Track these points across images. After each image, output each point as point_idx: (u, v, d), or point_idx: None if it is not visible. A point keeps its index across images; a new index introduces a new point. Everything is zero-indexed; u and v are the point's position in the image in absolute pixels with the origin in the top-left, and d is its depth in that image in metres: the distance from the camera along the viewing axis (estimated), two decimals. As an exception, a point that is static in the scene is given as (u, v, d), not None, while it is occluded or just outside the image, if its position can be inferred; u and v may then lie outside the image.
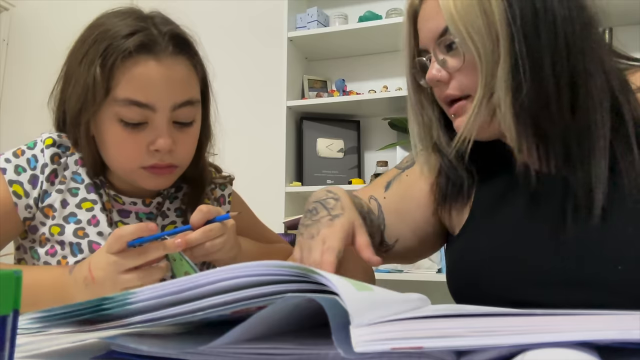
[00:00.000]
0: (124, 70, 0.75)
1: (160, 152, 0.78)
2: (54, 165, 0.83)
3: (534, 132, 0.63)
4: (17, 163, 0.82)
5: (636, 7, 1.97)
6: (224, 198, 0.99)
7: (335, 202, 0.67)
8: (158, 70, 0.76)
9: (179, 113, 0.79)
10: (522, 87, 0.61)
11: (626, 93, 0.65)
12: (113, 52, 0.74)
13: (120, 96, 0.75)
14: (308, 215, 0.66)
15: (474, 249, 0.73)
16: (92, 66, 0.75)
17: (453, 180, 0.76)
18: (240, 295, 0.32)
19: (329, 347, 0.32)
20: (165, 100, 0.77)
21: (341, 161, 2.48)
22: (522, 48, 0.61)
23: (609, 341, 0.31)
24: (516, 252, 0.67)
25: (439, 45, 0.67)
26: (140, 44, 0.75)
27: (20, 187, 0.80)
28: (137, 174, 0.80)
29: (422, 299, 0.45)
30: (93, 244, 0.82)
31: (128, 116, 0.76)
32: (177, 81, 0.78)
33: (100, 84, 0.74)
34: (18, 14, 2.59)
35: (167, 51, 0.77)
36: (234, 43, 2.74)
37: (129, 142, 0.77)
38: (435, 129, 0.75)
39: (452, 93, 0.68)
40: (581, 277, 0.61)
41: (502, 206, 0.72)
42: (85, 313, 0.38)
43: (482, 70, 0.63)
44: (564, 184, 0.64)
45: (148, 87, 0.76)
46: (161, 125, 0.77)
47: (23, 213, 0.81)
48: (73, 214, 0.82)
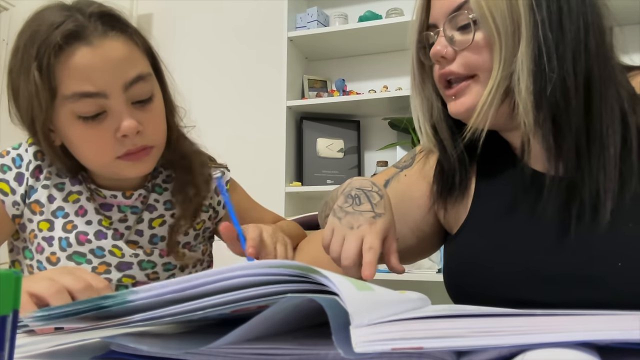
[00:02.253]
0: (61, 66, 0.72)
1: (128, 136, 0.75)
2: (37, 162, 0.83)
3: (552, 123, 0.63)
4: (2, 162, 0.82)
5: (636, 7, 1.97)
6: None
7: (380, 200, 0.67)
8: (95, 55, 0.72)
9: (133, 91, 0.75)
10: (545, 73, 0.61)
11: (632, 101, 0.65)
12: (45, 52, 0.71)
13: (68, 92, 0.72)
14: (349, 200, 0.66)
15: (473, 248, 0.72)
16: (30, 72, 0.72)
17: (446, 170, 0.76)
18: (240, 295, 0.32)
19: (329, 347, 0.32)
20: (113, 83, 0.73)
21: (341, 161, 2.48)
22: (547, 35, 0.61)
23: (609, 341, 0.31)
24: (518, 251, 0.67)
25: (450, 21, 0.67)
26: (68, 34, 0.71)
27: (6, 184, 0.81)
28: (114, 166, 0.78)
29: (423, 298, 0.45)
30: (80, 235, 0.81)
31: (83, 110, 0.73)
32: (119, 60, 0.74)
33: (42, 87, 0.71)
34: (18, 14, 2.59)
35: (97, 32, 0.73)
36: (234, 43, 2.74)
37: (95, 136, 0.75)
38: (435, 112, 0.74)
39: (456, 71, 0.67)
40: (584, 276, 0.61)
41: (504, 205, 0.71)
42: (85, 311, 0.38)
43: (501, 49, 0.63)
44: (571, 187, 0.64)
45: (91, 75, 0.72)
46: (119, 109, 0.74)
47: (11, 210, 0.81)
48: (61, 207, 0.82)
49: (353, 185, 0.70)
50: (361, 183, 0.71)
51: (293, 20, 2.47)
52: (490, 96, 0.64)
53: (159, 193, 0.91)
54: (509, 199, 0.71)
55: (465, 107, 0.68)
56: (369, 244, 0.61)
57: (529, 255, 0.66)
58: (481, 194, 0.75)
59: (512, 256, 0.67)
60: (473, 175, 0.77)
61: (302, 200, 2.48)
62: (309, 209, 2.31)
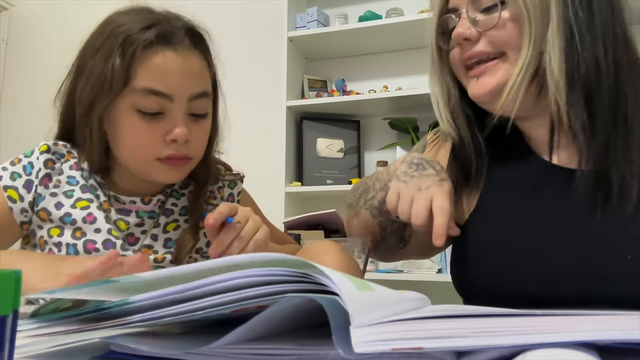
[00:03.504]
0: (143, 60, 0.76)
1: (176, 142, 0.79)
2: (47, 170, 0.83)
3: (585, 103, 0.62)
4: (13, 170, 0.82)
5: (636, 7, 1.97)
6: (233, 197, 0.98)
7: (441, 169, 0.69)
8: (177, 61, 0.78)
9: (195, 104, 0.80)
10: (577, 53, 0.61)
11: None
12: (133, 43, 0.76)
13: (139, 86, 0.76)
14: (413, 167, 0.67)
15: (481, 240, 0.71)
16: (110, 57, 0.76)
17: (462, 161, 0.75)
18: (240, 295, 0.32)
19: (329, 347, 0.32)
20: (183, 91, 0.78)
21: (341, 161, 2.48)
22: (578, 14, 0.61)
23: (609, 341, 0.31)
24: (528, 245, 0.66)
25: (474, 3, 0.66)
26: (159, 35, 0.77)
27: (15, 191, 0.81)
28: (151, 166, 0.80)
29: (422, 298, 0.45)
30: (88, 244, 0.81)
31: (146, 106, 0.77)
32: (194, 73, 0.80)
33: (119, 74, 0.75)
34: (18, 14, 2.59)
35: (184, 43, 0.79)
36: (234, 43, 2.74)
37: (146, 132, 0.78)
38: (453, 99, 0.74)
39: (484, 50, 0.67)
40: (600, 271, 0.60)
41: (517, 197, 0.70)
42: (85, 312, 0.38)
43: (530, 28, 0.62)
44: (600, 176, 0.63)
45: (167, 77, 0.77)
46: (178, 115, 0.78)
47: (19, 217, 0.81)
48: (68, 214, 0.82)
49: (412, 155, 0.72)
50: (418, 156, 0.72)
51: (293, 20, 2.47)
52: (520, 76, 0.63)
53: (177, 198, 0.92)
54: (522, 191, 0.70)
55: (490, 88, 0.67)
56: (440, 202, 0.62)
57: (541, 249, 0.65)
58: (492, 185, 0.74)
59: (524, 249, 0.66)
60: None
61: (302, 200, 2.48)
62: (309, 209, 2.31)
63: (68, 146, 0.86)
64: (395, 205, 0.66)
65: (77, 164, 0.86)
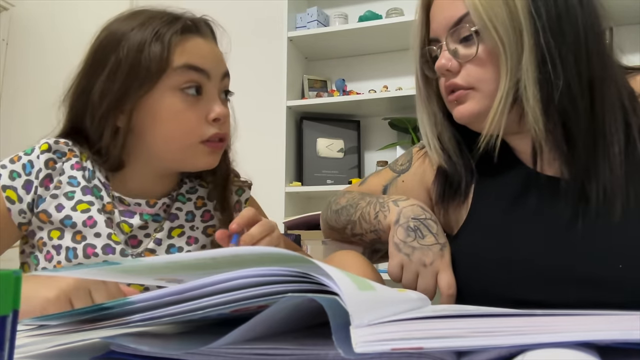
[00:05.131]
0: (179, 43, 0.81)
1: (218, 121, 0.82)
2: (48, 170, 0.82)
3: (562, 128, 0.64)
4: (12, 169, 0.81)
5: (636, 7, 1.97)
6: (240, 204, 0.97)
7: (437, 227, 0.70)
8: (206, 45, 0.85)
9: (225, 82, 0.86)
10: (550, 80, 0.62)
11: (632, 101, 0.66)
12: (166, 32, 0.80)
13: (179, 63, 0.80)
14: (411, 234, 0.69)
15: (474, 248, 0.72)
16: (145, 47, 0.79)
17: (451, 177, 0.77)
18: (240, 295, 0.32)
19: (329, 348, 0.32)
20: (216, 68, 0.84)
21: (341, 161, 2.48)
22: (548, 42, 0.62)
23: (609, 341, 0.31)
24: (520, 252, 0.67)
25: (452, 34, 0.68)
26: (187, 26, 0.83)
27: (14, 192, 0.80)
28: (194, 151, 0.82)
29: (422, 298, 0.45)
30: (88, 248, 0.80)
31: (188, 80, 0.80)
32: (221, 55, 0.88)
33: (158, 58, 0.79)
34: (18, 14, 2.59)
35: (208, 34, 0.87)
36: (234, 43, 2.74)
37: (191, 113, 0.81)
38: (439, 124, 0.75)
39: (459, 83, 0.68)
40: (588, 276, 0.61)
41: (505, 206, 0.71)
42: (85, 312, 0.38)
43: (506, 59, 0.63)
44: (582, 187, 0.64)
45: (202, 56, 0.83)
46: (214, 93, 0.83)
47: (17, 218, 0.80)
48: (68, 216, 0.81)
49: (406, 214, 0.71)
50: (413, 211, 0.71)
51: (293, 20, 2.47)
52: (501, 105, 0.65)
53: (182, 202, 0.91)
54: (511, 200, 0.71)
55: (469, 113, 0.69)
56: (446, 280, 0.67)
57: (530, 256, 0.66)
58: (481, 195, 0.75)
59: (513, 257, 0.67)
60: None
61: (302, 200, 2.48)
62: (309, 209, 2.31)
63: (69, 144, 0.85)
64: (399, 277, 0.69)
65: (79, 162, 0.85)
